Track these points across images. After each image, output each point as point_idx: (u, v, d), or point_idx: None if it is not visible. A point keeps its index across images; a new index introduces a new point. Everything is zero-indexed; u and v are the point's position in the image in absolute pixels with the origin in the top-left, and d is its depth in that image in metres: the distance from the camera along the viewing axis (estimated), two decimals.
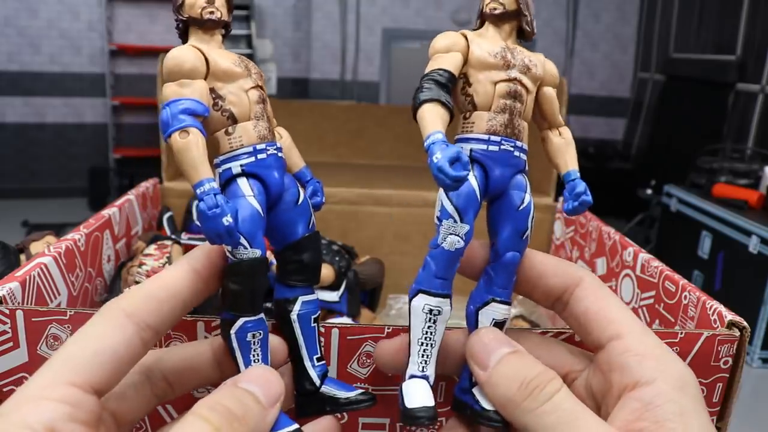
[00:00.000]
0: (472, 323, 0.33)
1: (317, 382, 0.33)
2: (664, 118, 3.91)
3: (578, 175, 0.33)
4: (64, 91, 4.16)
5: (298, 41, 4.34)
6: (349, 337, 0.36)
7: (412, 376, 0.31)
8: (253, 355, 0.31)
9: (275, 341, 0.33)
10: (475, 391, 0.32)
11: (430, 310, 0.31)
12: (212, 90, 0.31)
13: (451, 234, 0.30)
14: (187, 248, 0.73)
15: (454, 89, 0.32)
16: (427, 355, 0.31)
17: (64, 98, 4.18)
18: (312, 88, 4.30)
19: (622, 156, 4.30)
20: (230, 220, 0.28)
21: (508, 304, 0.32)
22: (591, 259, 0.72)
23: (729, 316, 0.40)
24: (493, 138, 0.31)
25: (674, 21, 3.93)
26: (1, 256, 0.55)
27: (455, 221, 0.30)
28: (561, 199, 0.86)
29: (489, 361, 0.30)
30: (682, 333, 0.37)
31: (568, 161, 0.34)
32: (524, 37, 0.34)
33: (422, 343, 0.31)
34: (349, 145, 1.18)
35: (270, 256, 0.33)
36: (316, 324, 0.33)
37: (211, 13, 0.32)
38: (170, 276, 0.30)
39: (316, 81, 4.32)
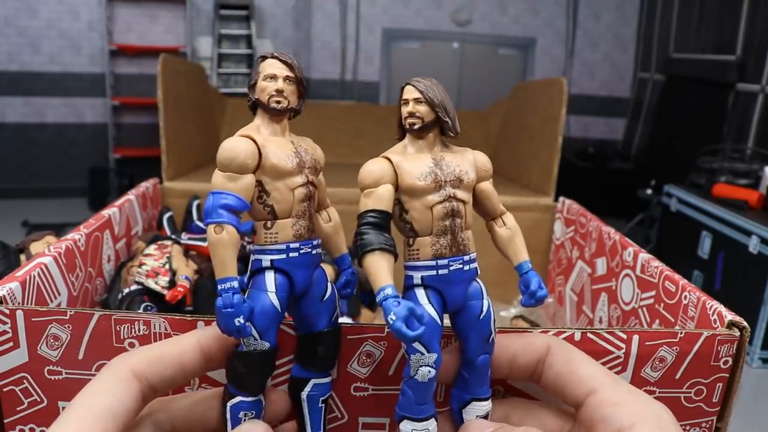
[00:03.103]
0: (458, 419, 0.34)
1: None
2: (664, 118, 3.91)
3: (530, 266, 0.34)
4: (64, 91, 4.15)
5: (298, 41, 4.33)
6: (349, 337, 0.36)
7: None
8: None
9: (275, 396, 0.35)
10: None
11: None
12: (259, 183, 0.32)
13: (422, 366, 0.31)
14: (187, 248, 0.72)
15: (395, 215, 0.33)
16: None
17: (64, 98, 4.17)
18: (312, 88, 4.29)
19: (622, 156, 4.29)
20: (242, 321, 0.29)
21: (488, 398, 0.34)
22: (591, 259, 0.72)
23: (729, 316, 0.40)
24: (440, 262, 0.32)
25: (674, 21, 3.93)
26: (1, 256, 0.55)
27: (422, 354, 0.31)
28: (561, 199, 0.86)
29: None
30: (682, 333, 0.37)
31: (518, 252, 0.35)
32: (445, 139, 0.34)
33: None
34: (349, 145, 1.18)
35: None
36: (323, 405, 0.35)
37: (278, 102, 0.33)
38: (179, 346, 0.32)
39: (316, 81, 4.31)
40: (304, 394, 0.34)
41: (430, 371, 0.31)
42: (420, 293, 0.32)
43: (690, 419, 0.39)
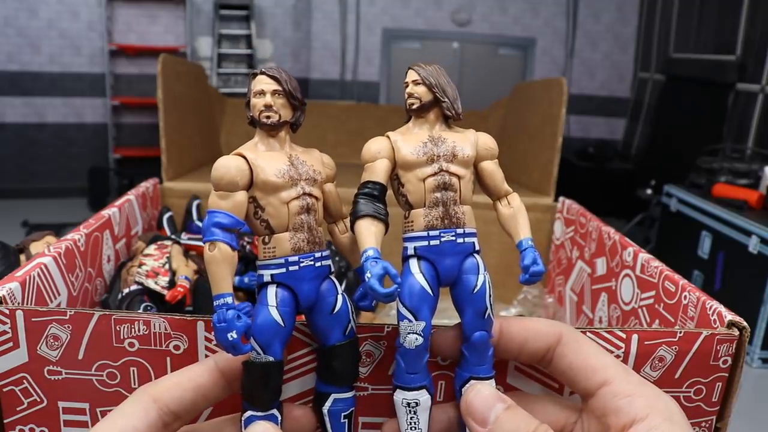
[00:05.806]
0: (459, 399, 0.34)
1: None
2: (664, 118, 3.91)
3: (530, 243, 0.34)
4: (64, 91, 4.15)
5: (298, 41, 4.33)
6: None
7: None
8: None
9: (299, 412, 0.35)
10: None
11: (408, 404, 0.33)
12: (254, 199, 0.33)
13: (409, 333, 0.32)
14: (187, 248, 0.72)
15: (394, 190, 0.35)
16: None
17: (64, 98, 4.17)
18: (312, 88, 4.29)
19: (622, 156, 4.29)
20: (235, 336, 0.30)
21: (487, 378, 0.34)
22: (591, 259, 0.72)
23: (729, 316, 0.40)
24: (431, 233, 0.33)
25: (674, 21, 3.93)
26: (1, 256, 0.55)
27: (410, 321, 0.32)
28: (561, 199, 0.86)
29: (488, 418, 0.32)
30: (681, 332, 0.37)
31: (520, 230, 0.35)
32: (450, 121, 0.35)
33: None
34: (349, 145, 1.18)
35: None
36: (346, 420, 0.35)
37: (268, 117, 0.33)
38: (197, 370, 0.33)
39: (316, 81, 4.31)
40: (325, 409, 0.35)
41: (417, 338, 0.32)
42: (413, 263, 0.33)
43: (689, 419, 0.39)
